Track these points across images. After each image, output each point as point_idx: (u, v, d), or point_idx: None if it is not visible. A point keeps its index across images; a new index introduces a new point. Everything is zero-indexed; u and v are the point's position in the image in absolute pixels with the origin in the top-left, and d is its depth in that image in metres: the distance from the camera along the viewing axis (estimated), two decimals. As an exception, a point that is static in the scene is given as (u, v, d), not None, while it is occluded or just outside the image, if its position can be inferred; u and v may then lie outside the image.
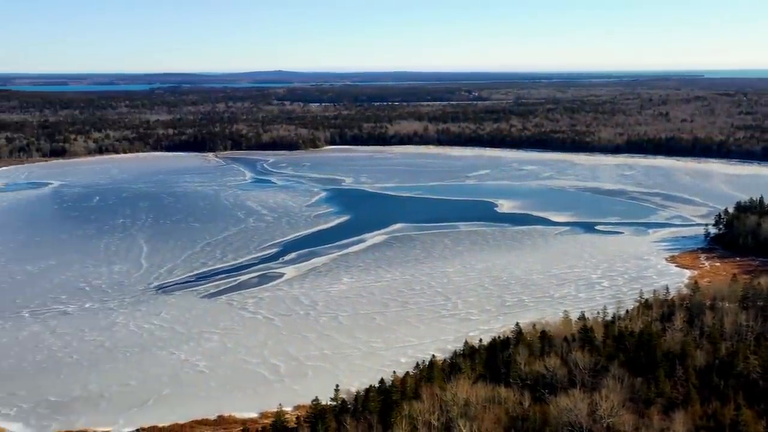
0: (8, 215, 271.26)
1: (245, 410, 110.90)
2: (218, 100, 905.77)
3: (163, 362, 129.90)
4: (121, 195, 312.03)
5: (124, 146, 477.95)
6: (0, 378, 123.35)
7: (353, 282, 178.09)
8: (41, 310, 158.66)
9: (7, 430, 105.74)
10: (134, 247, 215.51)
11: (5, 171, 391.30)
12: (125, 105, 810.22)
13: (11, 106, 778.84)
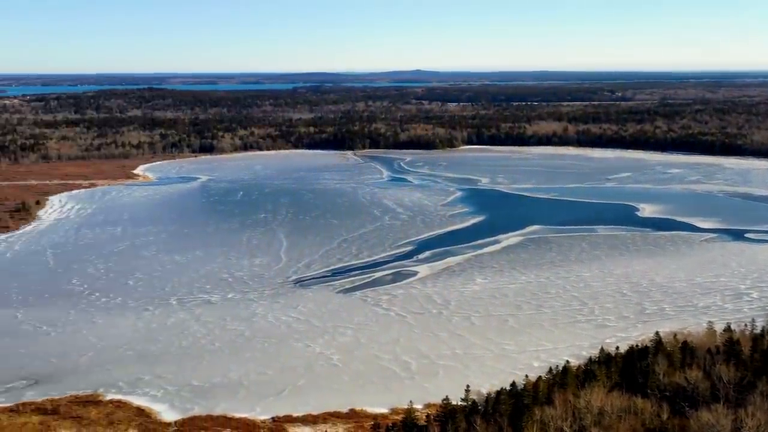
0: (160, 208, 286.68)
1: (376, 405, 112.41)
2: (358, 99, 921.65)
3: (299, 354, 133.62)
4: (264, 191, 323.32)
5: (267, 143, 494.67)
6: (149, 361, 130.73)
7: (487, 283, 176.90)
8: (187, 299, 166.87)
9: (154, 410, 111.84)
10: (274, 242, 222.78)
11: (158, 165, 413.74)
12: (269, 104, 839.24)
13: (166, 104, 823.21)
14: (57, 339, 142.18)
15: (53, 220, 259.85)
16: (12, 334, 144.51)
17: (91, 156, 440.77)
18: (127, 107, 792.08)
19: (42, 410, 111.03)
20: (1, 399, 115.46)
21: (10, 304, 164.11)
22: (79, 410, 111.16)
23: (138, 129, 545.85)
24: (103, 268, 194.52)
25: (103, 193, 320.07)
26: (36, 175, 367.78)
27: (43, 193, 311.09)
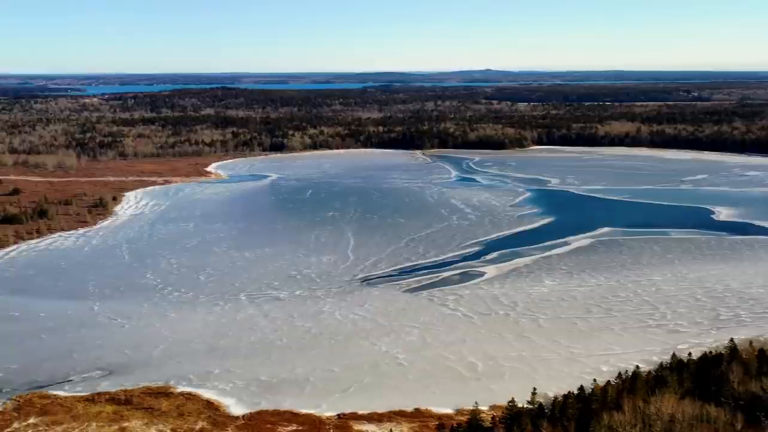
0: (231, 205, 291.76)
1: (441, 405, 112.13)
2: (427, 98, 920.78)
3: (365, 352, 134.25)
4: (332, 189, 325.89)
5: (336, 142, 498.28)
6: (218, 355, 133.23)
7: (555, 285, 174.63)
8: (256, 295, 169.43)
9: (223, 403, 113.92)
10: (342, 240, 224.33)
11: (230, 163, 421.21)
12: (339, 103, 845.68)
13: (238, 103, 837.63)
14: (131, 331, 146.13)
15: (129, 215, 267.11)
16: (89, 326, 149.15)
17: (165, 153, 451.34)
18: (201, 106, 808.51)
19: (116, 400, 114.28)
20: (78, 388, 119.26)
21: (87, 296, 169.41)
22: (151, 401, 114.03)
23: (211, 127, 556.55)
24: (175, 263, 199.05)
25: (176, 189, 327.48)
26: (113, 171, 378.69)
27: (119, 189, 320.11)
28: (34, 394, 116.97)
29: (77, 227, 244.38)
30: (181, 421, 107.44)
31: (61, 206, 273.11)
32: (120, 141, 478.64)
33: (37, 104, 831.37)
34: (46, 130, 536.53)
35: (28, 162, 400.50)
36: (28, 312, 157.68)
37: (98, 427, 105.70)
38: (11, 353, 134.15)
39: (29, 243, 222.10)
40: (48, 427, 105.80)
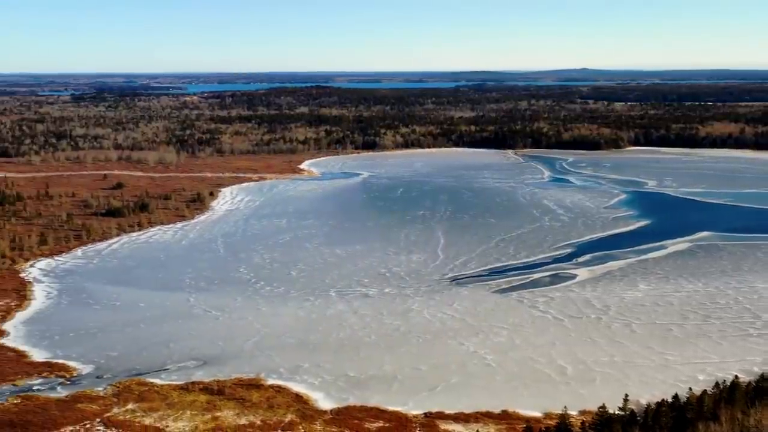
0: (323, 202, 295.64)
1: (529, 408, 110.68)
2: (521, 98, 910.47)
3: (453, 351, 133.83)
4: (423, 188, 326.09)
5: (428, 141, 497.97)
6: (308, 350, 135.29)
7: (650, 290, 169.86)
8: (346, 291, 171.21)
9: (312, 397, 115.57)
10: (432, 239, 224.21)
11: (323, 161, 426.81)
12: (432, 102, 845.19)
13: (331, 101, 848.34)
14: (224, 323, 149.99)
15: (224, 210, 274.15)
16: (185, 317, 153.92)
17: (260, 151, 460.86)
18: (296, 104, 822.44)
19: (209, 390, 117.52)
20: (174, 377, 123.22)
21: (183, 288, 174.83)
22: (243, 392, 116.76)
23: (305, 125, 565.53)
24: (268, 258, 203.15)
25: (270, 186, 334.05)
26: (210, 167, 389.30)
27: (216, 185, 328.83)
28: (132, 380, 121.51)
29: (176, 221, 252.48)
30: (270, 413, 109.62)
31: (161, 200, 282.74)
32: (217, 138, 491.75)
33: (140, 102, 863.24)
34: (148, 127, 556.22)
35: (131, 157, 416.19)
36: (128, 302, 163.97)
37: (192, 415, 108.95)
38: (112, 341, 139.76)
39: (131, 235, 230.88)
40: (145, 413, 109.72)
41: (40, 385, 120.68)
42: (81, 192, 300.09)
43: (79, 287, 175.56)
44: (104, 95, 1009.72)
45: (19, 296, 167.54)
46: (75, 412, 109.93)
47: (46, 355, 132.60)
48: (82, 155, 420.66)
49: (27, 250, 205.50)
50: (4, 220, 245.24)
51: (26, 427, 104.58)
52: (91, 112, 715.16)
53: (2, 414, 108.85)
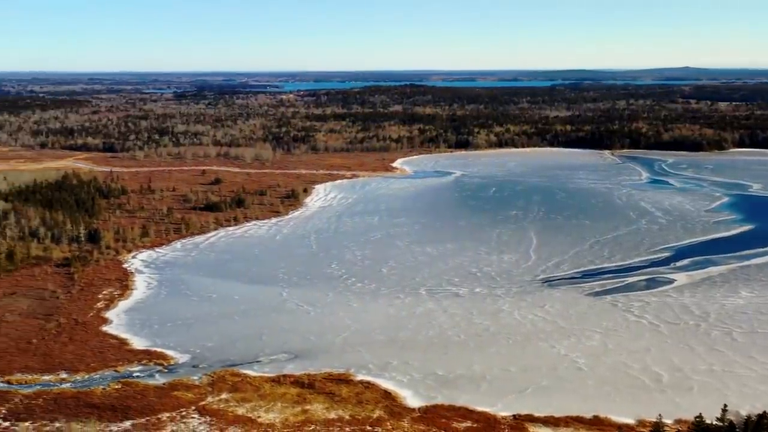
0: (415, 200, 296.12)
1: (622, 415, 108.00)
2: (619, 97, 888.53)
3: (543, 354, 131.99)
4: (516, 188, 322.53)
5: (522, 140, 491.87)
6: (397, 347, 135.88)
7: (753, 297, 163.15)
8: (436, 290, 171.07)
9: (400, 394, 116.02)
10: (524, 239, 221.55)
11: (416, 159, 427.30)
12: (526, 101, 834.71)
13: (426, 100, 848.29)
14: (316, 318, 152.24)
15: (318, 207, 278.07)
16: (278, 311, 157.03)
17: (354, 148, 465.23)
18: (390, 103, 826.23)
19: (299, 383, 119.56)
20: (266, 369, 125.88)
21: (277, 282, 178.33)
22: (332, 387, 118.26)
23: (398, 124, 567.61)
24: (359, 254, 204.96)
25: (363, 184, 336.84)
26: (305, 164, 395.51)
27: (310, 181, 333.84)
28: (226, 371, 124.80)
29: (270, 216, 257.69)
30: (359, 408, 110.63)
31: (257, 196, 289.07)
32: (312, 136, 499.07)
33: (239, 100, 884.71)
34: (246, 125, 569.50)
35: (228, 154, 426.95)
36: (224, 294, 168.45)
37: (283, 407, 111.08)
38: (208, 332, 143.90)
39: (227, 229, 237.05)
40: (237, 403, 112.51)
41: (139, 372, 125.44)
42: (181, 187, 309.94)
43: (177, 279, 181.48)
44: (204, 93, 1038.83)
45: (121, 286, 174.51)
46: (171, 399, 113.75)
47: (146, 344, 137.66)
48: (182, 151, 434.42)
49: (130, 242, 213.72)
50: (110, 212, 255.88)
51: (126, 412, 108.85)
52: (192, 109, 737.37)
53: (104, 398, 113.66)
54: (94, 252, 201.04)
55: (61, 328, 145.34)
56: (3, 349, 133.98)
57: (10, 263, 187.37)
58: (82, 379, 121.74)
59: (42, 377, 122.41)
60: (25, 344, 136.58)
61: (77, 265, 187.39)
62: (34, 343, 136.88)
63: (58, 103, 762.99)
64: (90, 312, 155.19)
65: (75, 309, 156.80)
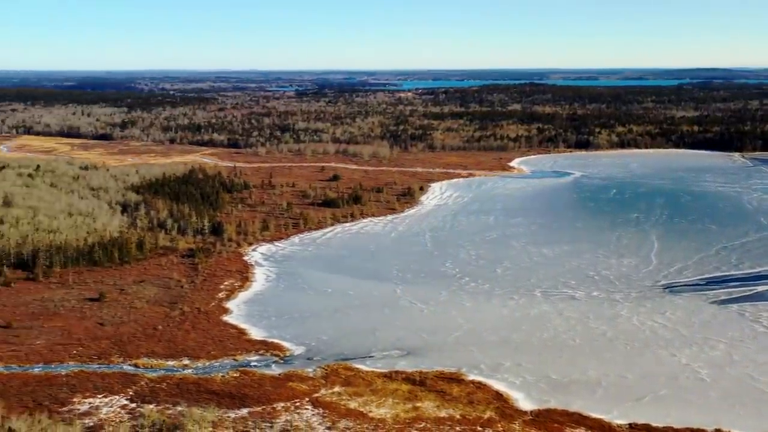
0: (531, 200, 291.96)
1: (746, 429, 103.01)
2: (752, 96, 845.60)
3: (663, 362, 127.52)
4: (638, 190, 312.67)
5: (645, 141, 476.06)
6: (510, 348, 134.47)
7: None
8: (551, 292, 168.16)
9: (512, 396, 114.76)
10: (645, 243, 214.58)
11: (534, 159, 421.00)
12: (651, 100, 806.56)
13: (545, 98, 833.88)
14: (429, 316, 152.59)
15: (433, 205, 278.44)
16: (391, 307, 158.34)
17: (471, 147, 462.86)
18: (508, 101, 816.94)
19: (411, 380, 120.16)
20: (378, 364, 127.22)
21: (391, 279, 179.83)
22: (443, 385, 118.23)
23: (516, 123, 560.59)
24: (474, 254, 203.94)
25: (479, 183, 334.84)
26: (421, 162, 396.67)
27: (426, 179, 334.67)
28: (339, 365, 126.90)
29: (386, 213, 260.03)
30: (470, 409, 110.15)
31: (373, 193, 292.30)
32: (429, 134, 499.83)
33: (358, 98, 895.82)
34: (364, 122, 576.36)
35: (347, 151, 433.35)
36: (339, 289, 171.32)
37: (394, 403, 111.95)
38: (323, 326, 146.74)
39: (344, 225, 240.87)
40: (350, 397, 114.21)
41: (256, 361, 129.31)
42: (300, 182, 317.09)
43: (295, 272, 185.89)
44: (325, 91, 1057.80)
45: (242, 277, 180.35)
46: (286, 390, 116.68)
47: (263, 335, 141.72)
48: (302, 148, 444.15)
49: (251, 235, 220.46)
50: (232, 206, 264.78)
51: (243, 400, 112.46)
52: (313, 107, 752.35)
53: (223, 385, 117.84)
54: (217, 244, 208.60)
55: (185, 316, 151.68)
56: (131, 334, 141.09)
57: (139, 252, 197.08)
58: (203, 366, 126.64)
59: (166, 362, 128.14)
60: (151, 330, 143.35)
61: (201, 256, 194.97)
62: (159, 330, 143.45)
63: (186, 101, 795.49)
64: (212, 302, 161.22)
65: (198, 298, 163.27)
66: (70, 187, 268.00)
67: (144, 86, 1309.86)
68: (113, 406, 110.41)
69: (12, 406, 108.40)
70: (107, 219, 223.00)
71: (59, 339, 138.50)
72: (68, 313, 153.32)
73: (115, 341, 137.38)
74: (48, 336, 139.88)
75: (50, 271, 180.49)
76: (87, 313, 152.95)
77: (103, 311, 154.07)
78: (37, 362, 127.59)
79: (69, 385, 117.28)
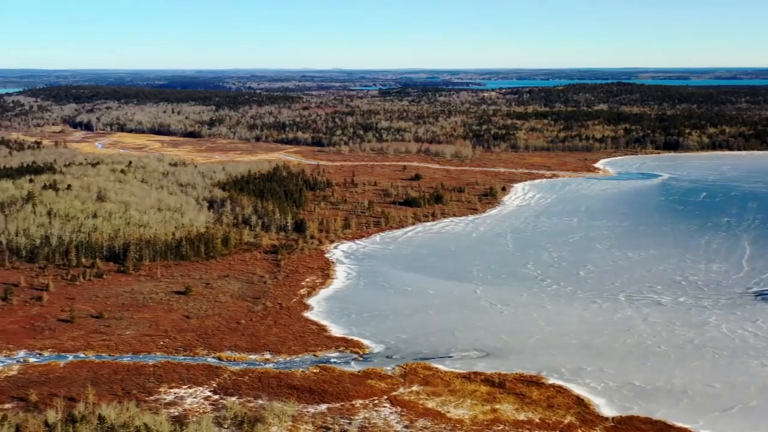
0: (616, 202, 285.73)
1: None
2: None
3: (753, 372, 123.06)
4: (729, 193, 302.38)
5: (738, 143, 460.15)
6: (592, 353, 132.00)
7: None
8: (636, 297, 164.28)
9: (593, 402, 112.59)
10: (736, 248, 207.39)
11: (620, 160, 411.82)
12: (746, 100, 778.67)
13: (633, 99, 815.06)
14: (509, 318, 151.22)
15: (515, 206, 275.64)
16: (471, 308, 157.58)
17: (555, 147, 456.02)
18: (594, 101, 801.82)
19: (490, 382, 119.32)
20: (457, 365, 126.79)
21: (471, 279, 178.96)
22: (523, 388, 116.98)
23: (602, 123, 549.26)
24: (556, 256, 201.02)
25: (563, 184, 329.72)
26: (504, 163, 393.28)
27: (508, 180, 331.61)
28: (418, 364, 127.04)
29: (467, 213, 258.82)
30: (550, 413, 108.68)
31: (455, 193, 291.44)
32: (513, 134, 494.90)
33: (441, 97, 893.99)
34: (447, 122, 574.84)
35: (429, 150, 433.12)
36: (419, 288, 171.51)
37: (472, 404, 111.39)
38: (402, 324, 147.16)
39: (425, 224, 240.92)
40: (428, 396, 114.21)
41: (336, 358, 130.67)
42: (382, 181, 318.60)
43: (375, 270, 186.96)
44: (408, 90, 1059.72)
45: (323, 274, 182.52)
46: (365, 387, 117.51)
47: (343, 331, 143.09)
48: (385, 147, 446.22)
49: (332, 233, 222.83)
50: (315, 204, 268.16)
51: (322, 396, 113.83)
52: (396, 106, 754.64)
53: (303, 380, 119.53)
54: (299, 241, 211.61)
55: (267, 311, 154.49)
56: (215, 328, 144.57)
57: (225, 248, 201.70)
58: (284, 361, 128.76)
59: (248, 356, 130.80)
60: (234, 324, 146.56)
61: (284, 252, 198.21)
62: (242, 324, 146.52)
63: (272, 99, 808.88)
64: (293, 298, 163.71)
65: (280, 294, 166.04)
66: (159, 183, 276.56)
67: (232, 85, 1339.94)
68: (197, 397, 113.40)
69: (102, 393, 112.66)
70: (194, 214, 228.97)
71: (147, 330, 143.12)
72: (156, 305, 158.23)
73: (199, 334, 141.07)
74: (137, 327, 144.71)
75: (140, 264, 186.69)
76: (174, 306, 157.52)
77: (189, 304, 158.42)
78: (126, 352, 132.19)
79: (156, 375, 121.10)
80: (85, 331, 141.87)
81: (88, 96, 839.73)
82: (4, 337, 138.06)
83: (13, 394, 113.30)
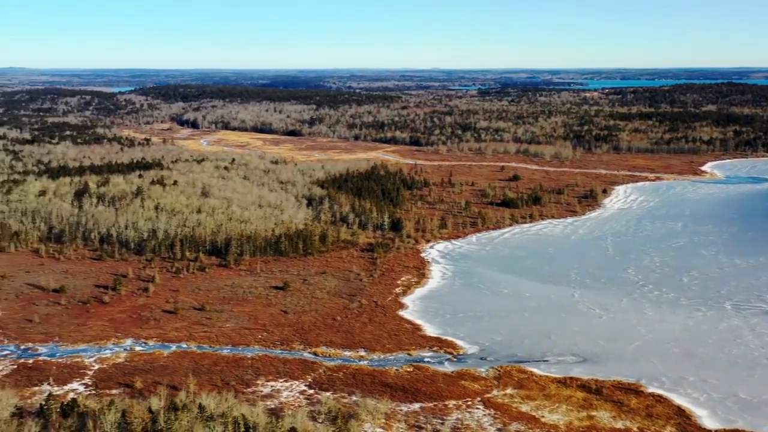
0: (724, 207, 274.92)
1: None
2: None
3: None
4: None
5: None
6: (695, 362, 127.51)
7: None
8: (743, 305, 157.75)
9: (695, 413, 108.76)
10: None
11: (729, 163, 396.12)
12: None
13: (744, 99, 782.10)
14: (607, 323, 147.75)
15: (616, 209, 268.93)
16: (568, 311, 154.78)
17: (659, 150, 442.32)
18: (702, 102, 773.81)
19: (586, 388, 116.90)
20: (552, 369, 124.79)
21: (569, 283, 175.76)
22: (621, 396, 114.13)
23: (710, 124, 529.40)
24: (659, 261, 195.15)
25: (667, 187, 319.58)
26: (605, 164, 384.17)
27: (609, 182, 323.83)
28: (513, 367, 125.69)
29: (566, 216, 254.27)
30: (648, 422, 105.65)
31: (553, 195, 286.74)
32: (615, 135, 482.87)
33: (541, 97, 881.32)
34: (547, 122, 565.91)
35: (528, 151, 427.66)
36: (515, 290, 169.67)
37: (567, 410, 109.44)
38: (498, 326, 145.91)
39: (522, 226, 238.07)
40: (522, 400, 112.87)
41: (430, 357, 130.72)
42: (479, 182, 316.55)
43: (471, 271, 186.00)
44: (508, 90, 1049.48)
45: (418, 274, 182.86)
46: (458, 388, 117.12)
47: (437, 331, 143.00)
48: (483, 147, 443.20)
49: (428, 233, 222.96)
50: (412, 203, 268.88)
51: (415, 395, 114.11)
52: (495, 106, 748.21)
53: (397, 379, 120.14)
54: (396, 240, 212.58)
55: (362, 308, 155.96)
56: (312, 323, 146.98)
57: (322, 245, 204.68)
58: (378, 359, 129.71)
59: (343, 352, 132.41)
60: (330, 320, 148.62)
61: (380, 251, 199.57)
62: (338, 320, 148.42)
63: (371, 99, 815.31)
64: (388, 296, 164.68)
65: (375, 292, 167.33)
66: (261, 180, 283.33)
67: (332, 84, 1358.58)
68: (293, 391, 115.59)
69: (203, 383, 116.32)
70: (293, 211, 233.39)
71: (246, 323, 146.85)
72: (255, 299, 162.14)
73: (296, 329, 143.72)
74: (236, 320, 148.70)
75: (240, 258, 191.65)
76: (272, 301, 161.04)
77: (286, 299, 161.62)
78: (226, 344, 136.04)
79: (254, 368, 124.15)
80: (188, 323, 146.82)
81: (195, 95, 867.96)
82: (112, 326, 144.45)
83: (120, 380, 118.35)
